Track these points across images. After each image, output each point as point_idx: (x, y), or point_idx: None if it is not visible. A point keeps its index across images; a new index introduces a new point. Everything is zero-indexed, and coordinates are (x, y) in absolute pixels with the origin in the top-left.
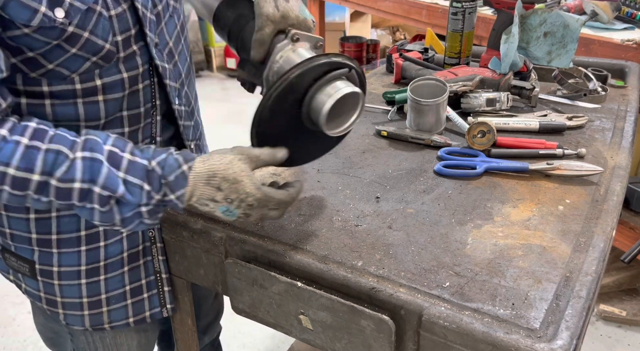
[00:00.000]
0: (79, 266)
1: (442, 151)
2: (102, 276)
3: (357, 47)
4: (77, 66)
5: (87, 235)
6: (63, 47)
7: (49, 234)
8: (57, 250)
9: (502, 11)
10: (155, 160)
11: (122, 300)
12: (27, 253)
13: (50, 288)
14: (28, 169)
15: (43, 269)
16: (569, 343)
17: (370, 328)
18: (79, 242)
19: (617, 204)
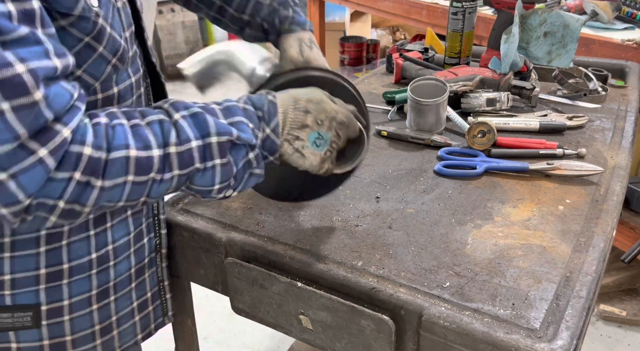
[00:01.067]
0: (89, 292)
1: (442, 151)
2: (112, 297)
3: (357, 47)
4: (101, 70)
5: (98, 257)
6: (92, 46)
7: (60, 265)
8: (68, 280)
9: (502, 11)
10: (241, 101)
11: (130, 318)
12: (30, 296)
13: (59, 330)
14: (147, 147)
15: (51, 309)
16: (569, 343)
17: (370, 328)
18: (91, 265)
19: (617, 204)
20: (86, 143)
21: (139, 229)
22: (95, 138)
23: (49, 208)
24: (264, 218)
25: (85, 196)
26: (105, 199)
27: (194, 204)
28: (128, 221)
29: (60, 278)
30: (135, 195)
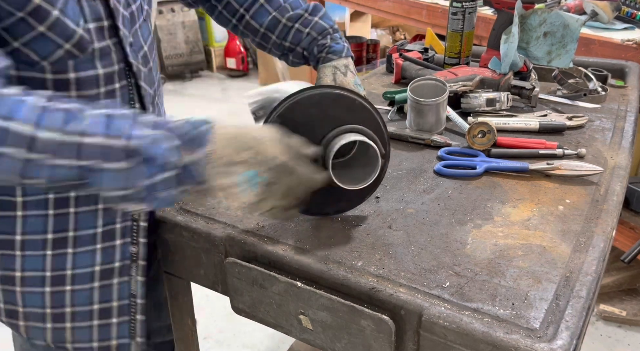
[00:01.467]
0: (43, 272)
1: (442, 151)
2: (67, 286)
3: (357, 47)
4: (47, 50)
5: (54, 239)
6: (29, 23)
7: (12, 235)
8: (21, 252)
9: (502, 11)
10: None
11: (87, 319)
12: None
13: (11, 297)
14: None
15: (5, 276)
16: (569, 343)
17: (370, 328)
18: (45, 245)
19: (617, 204)
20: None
21: (110, 227)
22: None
23: None
24: (264, 218)
25: None
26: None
27: (194, 204)
28: (97, 214)
29: (12, 247)
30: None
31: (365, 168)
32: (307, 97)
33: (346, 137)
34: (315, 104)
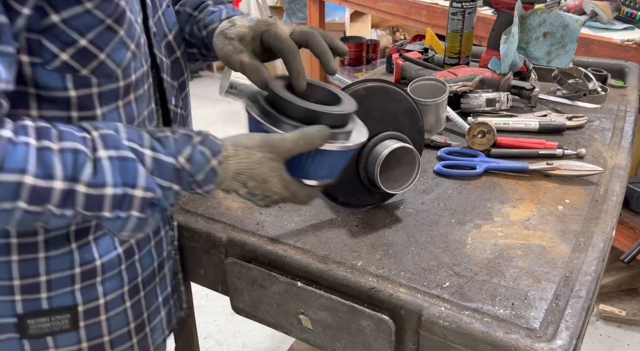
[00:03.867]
0: (122, 288)
1: (442, 151)
2: (142, 292)
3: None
4: (121, 56)
5: (125, 251)
6: (113, 29)
7: (92, 262)
8: (102, 277)
9: (502, 11)
10: (181, 156)
11: (158, 314)
12: (67, 298)
13: (97, 330)
14: (48, 176)
15: (88, 309)
16: (569, 343)
17: (370, 328)
18: (120, 261)
19: (616, 204)
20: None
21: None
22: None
23: None
24: (264, 218)
25: None
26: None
27: (194, 204)
28: None
29: (94, 275)
30: (27, 221)
31: (399, 169)
32: None
33: (389, 146)
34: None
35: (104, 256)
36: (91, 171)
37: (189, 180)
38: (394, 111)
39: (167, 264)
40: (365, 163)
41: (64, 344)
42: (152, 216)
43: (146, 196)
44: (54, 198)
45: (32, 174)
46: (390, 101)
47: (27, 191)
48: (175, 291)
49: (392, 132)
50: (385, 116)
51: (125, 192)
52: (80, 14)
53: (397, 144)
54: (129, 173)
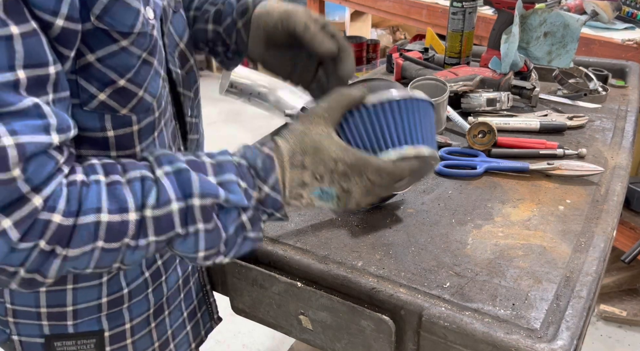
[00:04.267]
0: (148, 311)
1: (443, 150)
2: (166, 311)
3: (357, 47)
4: (156, 87)
5: (151, 274)
6: (148, 61)
7: (120, 291)
8: (129, 303)
9: (502, 11)
10: (236, 155)
11: (183, 329)
12: (94, 323)
13: None
14: (122, 209)
15: (114, 334)
16: (570, 343)
17: (370, 328)
18: (147, 285)
19: (617, 204)
20: (56, 210)
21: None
22: (67, 203)
23: (9, 274)
24: None
25: (47, 265)
26: (69, 267)
27: None
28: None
29: (121, 303)
30: (104, 262)
31: None
32: None
33: None
34: None
35: (131, 284)
36: (155, 193)
37: (250, 173)
38: None
39: (192, 278)
40: None
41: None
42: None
43: (204, 203)
44: (129, 230)
45: (107, 211)
46: None
47: (104, 229)
48: (203, 304)
49: None
50: None
51: (187, 204)
52: (116, 53)
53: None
54: (185, 184)
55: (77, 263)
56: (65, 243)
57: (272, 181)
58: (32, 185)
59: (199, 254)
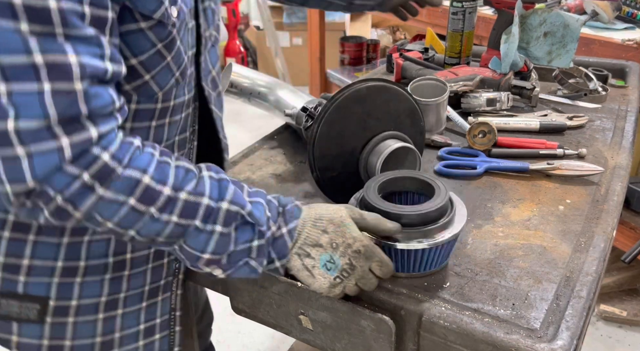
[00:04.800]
0: (99, 297)
1: (443, 151)
2: (119, 310)
3: (357, 47)
4: (166, 80)
5: (115, 262)
6: (162, 54)
7: (77, 261)
8: (82, 279)
9: (502, 11)
10: (270, 195)
11: (134, 341)
12: (42, 288)
13: (61, 331)
14: (161, 181)
15: (58, 306)
16: (569, 343)
17: (370, 329)
18: (105, 269)
19: (617, 204)
20: (108, 150)
21: None
22: (119, 150)
23: (47, 198)
24: None
25: (82, 199)
26: (97, 211)
27: None
28: None
29: (74, 274)
30: (126, 222)
31: (400, 168)
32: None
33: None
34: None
35: (90, 260)
36: (194, 184)
37: (278, 210)
38: (395, 111)
39: (161, 294)
40: (366, 163)
41: (27, 334)
42: (235, 240)
43: (231, 209)
44: (159, 200)
45: (150, 176)
46: (392, 101)
47: (141, 188)
48: (166, 328)
49: (393, 132)
50: (387, 116)
51: (216, 204)
52: (134, 32)
53: (398, 143)
54: (222, 189)
55: (105, 209)
56: (105, 183)
57: (292, 225)
58: (89, 108)
59: (204, 256)
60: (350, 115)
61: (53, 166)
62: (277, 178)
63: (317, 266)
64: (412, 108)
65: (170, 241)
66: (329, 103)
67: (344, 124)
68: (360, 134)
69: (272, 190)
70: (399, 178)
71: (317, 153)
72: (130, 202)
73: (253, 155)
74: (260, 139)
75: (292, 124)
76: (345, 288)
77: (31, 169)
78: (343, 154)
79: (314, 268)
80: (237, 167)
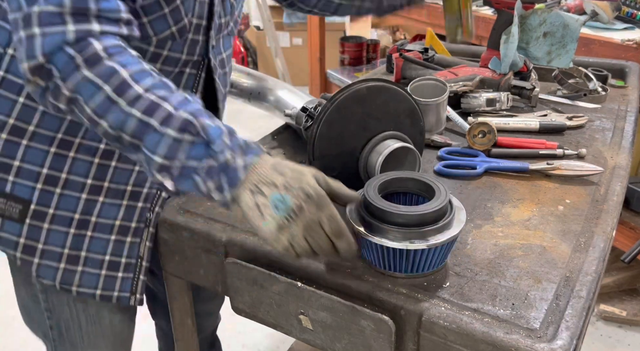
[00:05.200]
0: (73, 213)
1: (442, 151)
2: (89, 232)
3: (357, 47)
4: (160, 29)
5: (92, 185)
6: (160, 5)
7: (60, 172)
8: (61, 190)
9: (502, 11)
10: None
11: (97, 267)
12: (27, 191)
13: (36, 233)
14: (136, 80)
15: (37, 210)
16: (569, 343)
17: (370, 328)
18: (83, 188)
19: (617, 204)
20: (102, 44)
21: (138, 189)
22: (112, 48)
23: (50, 75)
24: None
25: (71, 75)
26: (79, 90)
27: (194, 204)
28: (132, 172)
29: (55, 184)
30: (100, 110)
31: (400, 168)
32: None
33: (389, 146)
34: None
35: (72, 175)
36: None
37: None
38: (395, 111)
39: (131, 237)
40: (366, 163)
41: (7, 231)
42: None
43: (188, 118)
44: (130, 94)
45: (129, 72)
46: (392, 101)
47: (117, 79)
48: (131, 271)
49: (392, 132)
50: (386, 116)
51: (177, 112)
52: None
53: (398, 143)
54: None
55: (86, 89)
56: (91, 67)
57: (249, 160)
58: (97, 6)
59: (156, 158)
60: (350, 115)
61: (57, 45)
62: None
63: (268, 205)
64: (411, 108)
65: (133, 142)
66: (328, 103)
67: (344, 124)
68: (360, 134)
69: None
70: (400, 179)
71: (317, 153)
72: (106, 89)
73: None
74: (260, 139)
75: (292, 124)
76: (294, 240)
77: (42, 46)
78: (343, 154)
79: (265, 208)
80: None
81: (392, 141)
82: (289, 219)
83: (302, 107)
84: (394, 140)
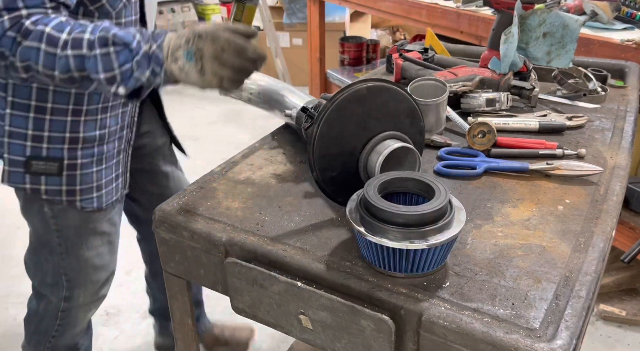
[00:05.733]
0: (92, 158)
1: (442, 151)
2: (104, 165)
3: (357, 47)
4: (116, 3)
5: (100, 134)
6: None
7: (77, 133)
8: (82, 145)
9: (501, 11)
10: None
11: (112, 183)
12: (58, 152)
13: (72, 180)
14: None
15: (70, 163)
16: (569, 343)
17: (370, 328)
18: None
19: (616, 204)
20: (30, 19)
21: (122, 123)
22: (38, 19)
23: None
24: (264, 218)
25: (15, 49)
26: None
27: (194, 204)
28: (118, 116)
29: (76, 142)
30: (47, 63)
31: (399, 168)
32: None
33: (389, 146)
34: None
35: (87, 133)
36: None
37: (149, 34)
38: (395, 111)
39: (122, 154)
40: (366, 163)
41: (51, 183)
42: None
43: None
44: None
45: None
46: (391, 101)
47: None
48: (124, 174)
49: (392, 132)
50: (386, 116)
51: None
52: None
53: (398, 143)
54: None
55: (30, 54)
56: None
57: (160, 41)
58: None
59: (101, 76)
60: (350, 115)
61: (2, 32)
62: (277, 177)
63: (182, 60)
64: (411, 108)
65: (82, 75)
66: (328, 103)
67: (344, 125)
68: (360, 134)
69: (272, 190)
70: (400, 179)
71: (317, 153)
72: (42, 47)
73: (253, 155)
74: (260, 139)
75: (292, 124)
76: (216, 74)
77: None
78: (343, 154)
79: (185, 66)
80: (237, 167)
81: (392, 141)
82: (197, 61)
83: (302, 107)
84: (394, 140)
